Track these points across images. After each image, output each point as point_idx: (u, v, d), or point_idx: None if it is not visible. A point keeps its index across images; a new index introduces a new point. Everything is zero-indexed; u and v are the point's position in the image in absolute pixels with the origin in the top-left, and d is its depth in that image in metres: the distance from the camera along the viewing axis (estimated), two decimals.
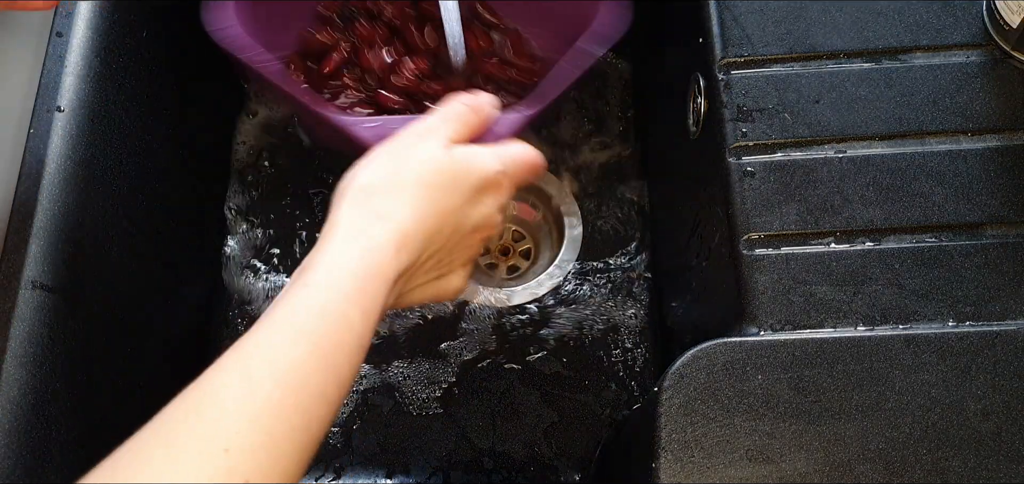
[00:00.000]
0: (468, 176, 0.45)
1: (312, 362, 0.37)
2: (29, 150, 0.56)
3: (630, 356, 0.77)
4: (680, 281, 0.71)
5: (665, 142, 0.76)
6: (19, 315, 0.52)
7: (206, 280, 0.78)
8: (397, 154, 0.44)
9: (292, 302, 0.39)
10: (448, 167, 0.44)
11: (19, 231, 0.54)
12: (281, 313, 0.39)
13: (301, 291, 0.39)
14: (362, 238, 0.41)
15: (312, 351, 0.37)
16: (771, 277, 0.52)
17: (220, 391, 0.36)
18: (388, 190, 0.43)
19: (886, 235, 0.52)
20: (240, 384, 0.36)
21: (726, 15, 0.60)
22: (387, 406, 0.76)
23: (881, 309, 0.50)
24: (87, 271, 0.57)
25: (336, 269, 0.40)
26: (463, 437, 0.74)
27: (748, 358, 0.48)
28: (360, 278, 0.40)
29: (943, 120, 0.55)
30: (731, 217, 0.54)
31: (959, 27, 0.58)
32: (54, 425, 0.52)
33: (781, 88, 0.57)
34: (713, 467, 0.46)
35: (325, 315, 0.39)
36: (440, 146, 0.45)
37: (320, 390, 0.37)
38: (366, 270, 0.40)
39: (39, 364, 0.52)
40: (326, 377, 0.38)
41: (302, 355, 0.37)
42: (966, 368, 0.48)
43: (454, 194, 0.44)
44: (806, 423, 0.47)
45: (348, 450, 0.74)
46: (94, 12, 0.61)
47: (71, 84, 0.58)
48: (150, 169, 0.66)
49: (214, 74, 0.82)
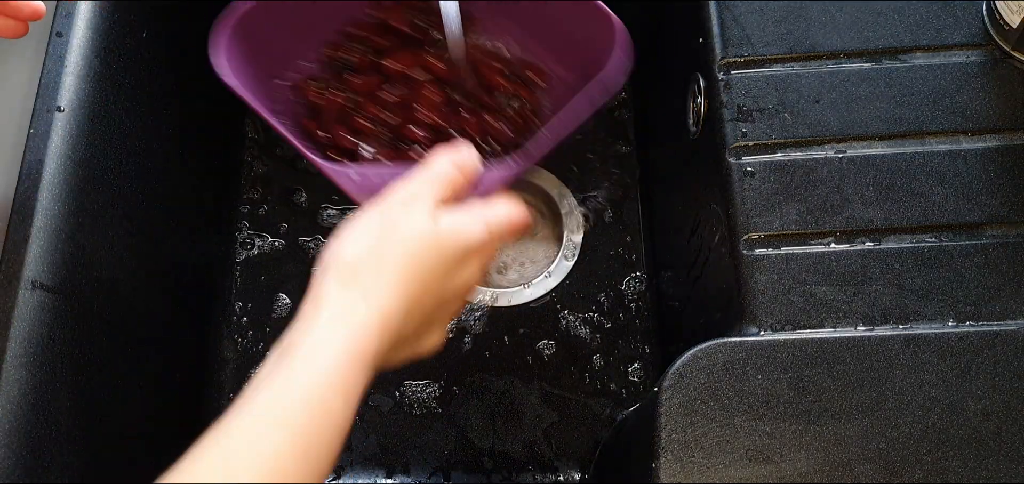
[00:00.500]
0: (454, 247, 0.45)
1: (293, 453, 0.38)
2: (29, 150, 0.56)
3: (630, 356, 0.77)
4: (680, 281, 0.71)
5: (665, 142, 0.76)
6: (19, 315, 0.51)
7: (206, 280, 0.78)
8: (383, 225, 0.44)
9: (274, 388, 0.39)
10: (433, 240, 0.44)
11: (19, 231, 0.54)
12: (263, 400, 0.39)
13: (284, 374, 0.40)
14: (346, 320, 0.41)
15: (293, 442, 0.38)
16: (771, 277, 0.52)
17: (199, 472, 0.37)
18: (373, 268, 0.43)
19: (886, 235, 0.52)
20: (221, 474, 0.37)
21: (726, 15, 0.60)
22: (387, 406, 0.76)
23: (881, 309, 0.50)
24: (87, 271, 0.57)
25: (320, 354, 0.40)
26: (463, 437, 0.74)
27: (748, 358, 0.48)
28: (343, 364, 0.40)
29: (943, 120, 0.55)
30: (731, 217, 0.54)
31: (959, 27, 0.58)
32: (54, 425, 0.52)
33: (781, 88, 0.57)
34: (713, 467, 0.46)
35: (308, 404, 0.39)
36: (426, 215, 0.45)
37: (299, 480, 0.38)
38: (349, 355, 0.41)
39: (39, 364, 0.52)
40: (307, 467, 0.38)
41: (283, 446, 0.38)
42: (966, 368, 0.48)
43: (439, 266, 0.44)
44: (806, 423, 0.47)
45: (348, 450, 0.74)
46: (94, 12, 0.61)
47: (71, 84, 0.58)
48: (150, 169, 0.66)
49: (214, 73, 0.82)
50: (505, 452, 0.74)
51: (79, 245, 0.56)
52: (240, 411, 0.39)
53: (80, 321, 0.55)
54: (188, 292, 0.74)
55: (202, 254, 0.78)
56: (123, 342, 0.61)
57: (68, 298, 0.54)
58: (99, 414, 0.57)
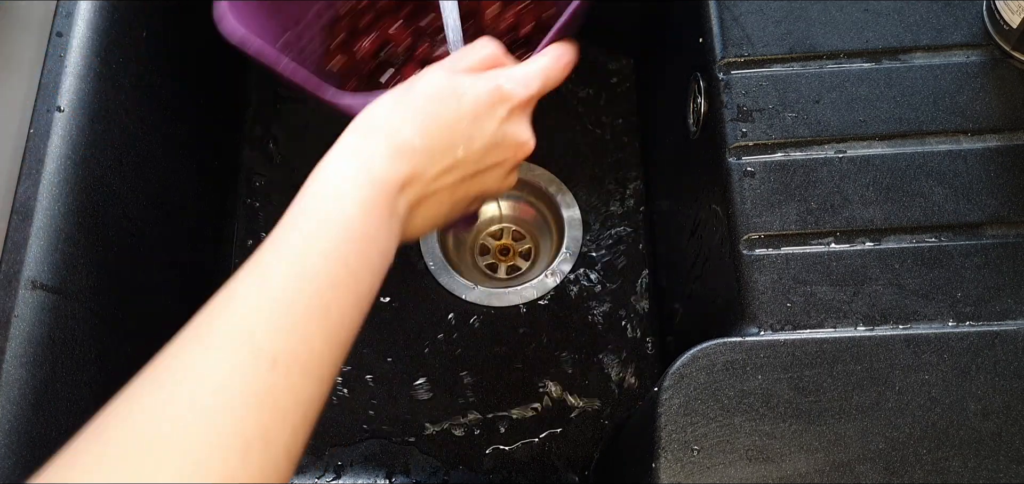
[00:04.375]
0: (472, 87, 0.46)
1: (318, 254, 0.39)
2: (29, 150, 0.56)
3: (630, 356, 0.77)
4: (680, 281, 0.71)
5: (665, 142, 0.76)
6: (19, 315, 0.52)
7: (206, 280, 0.78)
8: (401, 88, 0.46)
9: (291, 214, 0.41)
10: (450, 85, 0.46)
11: (19, 231, 0.54)
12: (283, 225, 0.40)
13: (299, 203, 0.41)
14: (358, 151, 0.43)
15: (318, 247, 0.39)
16: (771, 277, 0.52)
17: (238, 288, 0.37)
18: (390, 112, 0.45)
19: (886, 235, 0.52)
20: (255, 278, 0.38)
21: (726, 15, 0.60)
22: (387, 406, 0.76)
23: (881, 309, 0.50)
24: (87, 271, 0.57)
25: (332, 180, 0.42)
26: (463, 437, 0.74)
27: (748, 358, 0.48)
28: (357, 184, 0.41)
29: (943, 120, 0.55)
30: (731, 217, 0.54)
31: (959, 27, 0.58)
32: (54, 425, 0.52)
33: (781, 88, 0.57)
34: (713, 467, 0.46)
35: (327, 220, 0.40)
36: (442, 70, 0.47)
37: (333, 279, 0.39)
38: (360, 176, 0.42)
39: (39, 364, 0.52)
40: (336, 267, 0.39)
41: (308, 248, 0.39)
42: (966, 368, 0.48)
43: (460, 109, 0.45)
44: (806, 423, 0.47)
45: (348, 450, 0.74)
46: (94, 12, 0.61)
47: (71, 84, 0.58)
48: (150, 169, 0.66)
49: (215, 73, 0.82)
50: (505, 452, 0.74)
51: (79, 245, 0.56)
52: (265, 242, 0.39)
53: (80, 321, 0.55)
54: (188, 292, 0.74)
55: (202, 254, 0.78)
56: (123, 342, 0.61)
57: (68, 298, 0.54)
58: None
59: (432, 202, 0.46)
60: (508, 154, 0.48)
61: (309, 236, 0.39)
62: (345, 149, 0.43)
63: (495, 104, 0.47)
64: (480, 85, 0.47)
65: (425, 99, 0.45)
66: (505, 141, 0.48)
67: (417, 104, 0.45)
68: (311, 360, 0.37)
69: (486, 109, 0.46)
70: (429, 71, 0.47)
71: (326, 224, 0.40)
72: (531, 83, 0.48)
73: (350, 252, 0.39)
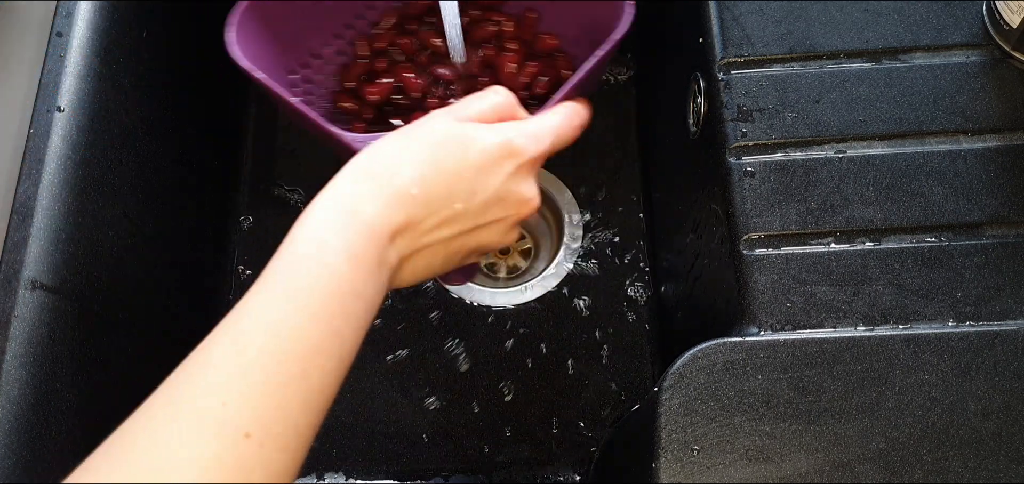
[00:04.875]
0: (481, 137, 0.44)
1: (299, 314, 0.36)
2: (29, 150, 0.56)
3: (630, 356, 0.77)
4: (680, 281, 0.71)
5: (665, 142, 0.76)
6: (19, 315, 0.52)
7: (207, 280, 0.78)
8: (407, 129, 0.44)
9: (275, 264, 0.38)
10: (455, 130, 0.43)
11: (19, 231, 0.54)
12: (265, 276, 0.38)
13: (284, 250, 0.39)
14: (350, 195, 0.40)
15: (298, 305, 0.37)
16: (771, 277, 0.52)
17: (212, 351, 0.36)
18: (388, 155, 0.42)
19: (886, 235, 0.52)
20: (230, 343, 0.36)
21: (726, 15, 0.60)
22: (387, 406, 0.76)
23: (881, 309, 0.50)
24: (87, 271, 0.57)
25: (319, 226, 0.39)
26: (463, 437, 0.74)
27: (748, 358, 0.48)
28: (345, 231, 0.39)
29: (943, 120, 0.55)
30: (731, 217, 0.54)
31: (959, 27, 0.58)
32: (54, 425, 0.52)
33: (781, 88, 0.57)
34: (713, 467, 0.46)
35: (310, 273, 0.37)
36: (448, 118, 0.44)
37: (314, 342, 0.36)
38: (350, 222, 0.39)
39: (39, 364, 0.52)
40: (318, 328, 0.37)
41: (289, 308, 0.36)
42: (966, 368, 0.48)
43: (463, 160, 0.43)
44: (806, 423, 0.47)
45: (348, 450, 0.74)
46: (94, 12, 0.61)
47: (71, 84, 0.58)
48: (150, 169, 0.66)
49: (215, 73, 0.82)
50: (505, 452, 0.74)
51: (79, 245, 0.56)
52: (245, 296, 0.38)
53: (80, 321, 0.55)
54: (188, 291, 0.74)
55: (202, 254, 0.78)
56: (123, 342, 0.61)
57: (68, 298, 0.54)
58: (99, 414, 0.57)
59: (425, 254, 0.44)
60: (511, 211, 0.46)
61: (291, 295, 0.37)
62: (336, 192, 0.41)
63: (503, 158, 0.44)
64: (490, 137, 0.44)
65: (427, 145, 0.42)
66: (509, 197, 0.45)
67: (417, 150, 0.42)
68: (286, 431, 0.35)
69: (493, 163, 0.44)
70: (435, 116, 0.44)
71: (309, 279, 0.37)
72: (543, 140, 0.46)
73: (335, 311, 0.37)
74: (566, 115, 0.48)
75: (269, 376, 0.35)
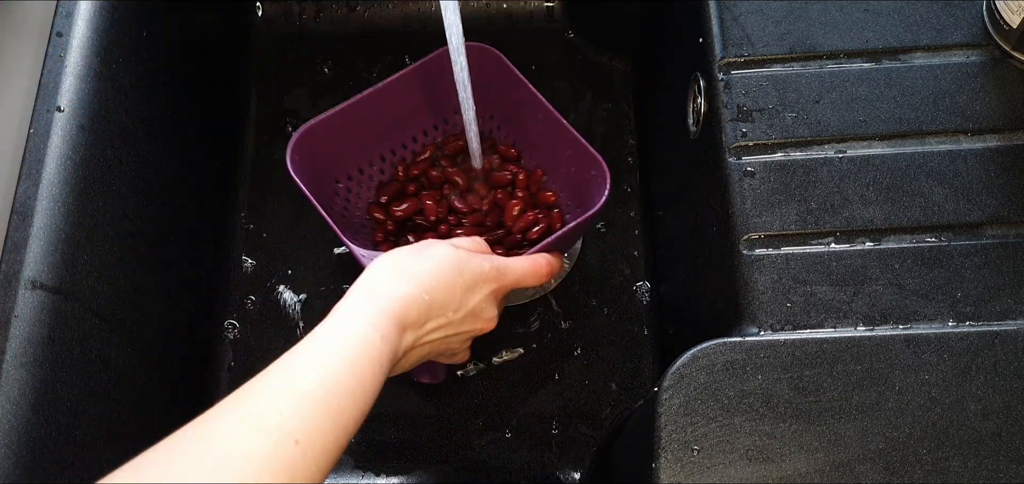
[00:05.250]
0: (473, 265, 0.55)
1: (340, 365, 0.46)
2: (29, 150, 0.56)
3: (630, 356, 0.77)
4: (680, 281, 0.71)
5: (665, 142, 0.76)
6: (19, 315, 0.52)
7: (206, 279, 0.78)
8: (419, 246, 0.55)
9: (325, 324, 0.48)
10: (454, 257, 0.54)
11: (19, 231, 0.54)
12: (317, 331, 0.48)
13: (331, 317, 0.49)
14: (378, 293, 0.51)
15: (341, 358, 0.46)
16: (771, 277, 0.52)
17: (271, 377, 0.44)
18: (407, 266, 0.53)
19: (886, 235, 0.52)
20: (286, 370, 0.45)
21: (726, 15, 0.60)
22: (387, 406, 0.76)
23: (881, 309, 0.50)
24: (87, 271, 0.57)
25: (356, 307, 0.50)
26: (463, 437, 0.74)
27: (748, 358, 0.48)
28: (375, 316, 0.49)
29: (943, 120, 0.55)
30: (731, 217, 0.54)
31: (959, 27, 0.58)
32: (54, 425, 0.52)
33: (781, 88, 0.57)
34: (713, 467, 0.46)
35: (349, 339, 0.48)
36: (449, 246, 0.56)
37: (347, 387, 0.46)
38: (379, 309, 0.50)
39: (39, 364, 0.52)
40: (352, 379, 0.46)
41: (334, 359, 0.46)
42: (966, 368, 0.48)
43: (459, 278, 0.54)
44: (806, 423, 0.47)
45: (348, 450, 0.74)
46: (94, 12, 0.61)
47: (71, 84, 0.58)
48: (150, 169, 0.66)
49: (215, 74, 0.82)
50: (505, 453, 0.74)
51: (79, 245, 0.56)
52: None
53: (80, 321, 0.55)
54: (188, 291, 0.74)
55: (202, 254, 0.78)
56: (123, 342, 0.61)
57: (68, 298, 0.54)
58: (99, 414, 0.57)
59: (419, 349, 0.54)
60: (479, 325, 0.57)
61: (335, 350, 0.47)
62: (367, 285, 0.51)
63: (487, 281, 0.56)
64: (483, 264, 0.56)
65: (435, 263, 0.53)
66: (483, 314, 0.57)
67: (427, 267, 0.53)
68: (325, 447, 0.43)
69: (479, 283, 0.56)
70: (438, 243, 0.56)
71: (348, 343, 0.47)
72: (509, 275, 0.58)
73: (364, 369, 0.47)
74: (533, 264, 0.60)
75: (316, 401, 0.44)
